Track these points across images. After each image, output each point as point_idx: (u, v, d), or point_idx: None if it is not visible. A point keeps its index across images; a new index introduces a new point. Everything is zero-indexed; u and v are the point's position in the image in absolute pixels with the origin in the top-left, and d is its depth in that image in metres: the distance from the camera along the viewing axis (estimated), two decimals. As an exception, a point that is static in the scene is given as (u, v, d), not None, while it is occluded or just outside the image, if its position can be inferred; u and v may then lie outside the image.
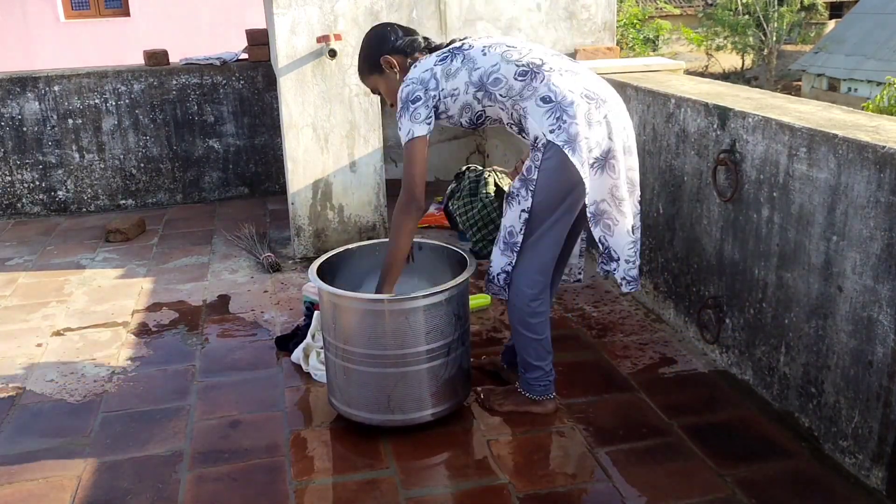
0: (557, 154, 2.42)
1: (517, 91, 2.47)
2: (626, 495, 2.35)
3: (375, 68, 2.64)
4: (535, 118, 2.44)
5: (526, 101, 2.46)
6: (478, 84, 2.50)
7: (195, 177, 5.62)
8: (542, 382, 2.75)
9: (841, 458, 2.43)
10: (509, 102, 2.49)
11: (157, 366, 3.23)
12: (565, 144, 2.40)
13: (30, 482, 2.51)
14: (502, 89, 2.48)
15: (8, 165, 5.29)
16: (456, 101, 2.53)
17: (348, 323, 2.59)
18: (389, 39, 2.62)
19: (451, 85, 2.52)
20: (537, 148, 2.47)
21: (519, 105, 2.48)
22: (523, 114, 2.48)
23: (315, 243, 4.32)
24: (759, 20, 20.44)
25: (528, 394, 2.77)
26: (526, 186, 2.50)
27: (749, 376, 2.88)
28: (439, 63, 2.54)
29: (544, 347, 2.69)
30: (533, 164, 2.48)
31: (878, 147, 2.20)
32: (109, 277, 4.24)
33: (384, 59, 2.60)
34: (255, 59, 5.52)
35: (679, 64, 4.05)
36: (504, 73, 2.48)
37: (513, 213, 2.55)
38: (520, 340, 2.70)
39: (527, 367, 2.73)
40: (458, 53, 2.54)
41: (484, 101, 2.53)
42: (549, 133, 2.42)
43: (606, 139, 2.46)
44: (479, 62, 2.50)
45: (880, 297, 2.22)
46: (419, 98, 2.49)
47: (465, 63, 2.51)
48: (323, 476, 2.49)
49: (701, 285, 3.16)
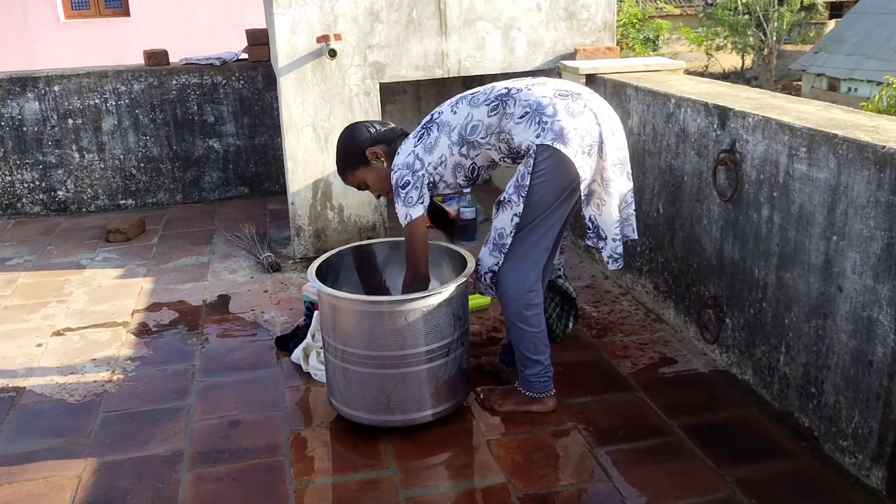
0: (551, 153, 2.47)
1: (496, 126, 2.56)
2: (626, 495, 2.35)
3: (362, 162, 2.75)
4: (519, 134, 2.52)
5: (507, 126, 2.55)
6: (459, 142, 2.61)
7: (195, 177, 5.62)
8: (542, 379, 2.75)
9: (841, 458, 2.43)
10: (493, 139, 2.59)
11: (157, 366, 3.23)
12: (555, 141, 2.45)
13: (30, 482, 2.51)
14: (481, 133, 2.59)
15: (8, 165, 5.29)
16: (446, 168, 2.65)
17: (347, 324, 2.59)
18: (369, 132, 2.75)
19: (436, 156, 2.63)
20: (527, 154, 2.52)
21: (503, 135, 2.57)
22: (509, 138, 2.55)
23: (315, 243, 4.32)
24: (759, 20, 20.43)
25: (528, 392, 2.78)
26: (518, 192, 2.55)
27: (749, 376, 2.88)
28: (418, 143, 2.66)
29: (541, 340, 2.71)
30: (525, 170, 2.52)
31: (878, 147, 2.20)
32: (109, 277, 4.24)
33: (370, 151, 2.73)
34: (255, 59, 5.52)
35: (679, 64, 4.05)
36: (478, 119, 2.59)
37: (504, 217, 2.60)
38: (517, 335, 2.71)
39: (525, 363, 2.74)
40: (432, 125, 2.67)
41: (471, 154, 2.63)
42: (535, 139, 2.48)
43: (595, 125, 2.51)
44: (452, 122, 2.63)
45: (880, 297, 2.22)
46: (408, 182, 2.61)
47: (440, 130, 2.64)
48: (323, 476, 2.49)
49: (701, 285, 3.16)
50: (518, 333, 2.71)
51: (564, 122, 2.47)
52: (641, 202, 3.56)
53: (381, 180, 2.77)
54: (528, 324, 2.68)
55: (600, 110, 2.56)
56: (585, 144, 2.49)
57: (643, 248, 3.60)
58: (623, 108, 3.66)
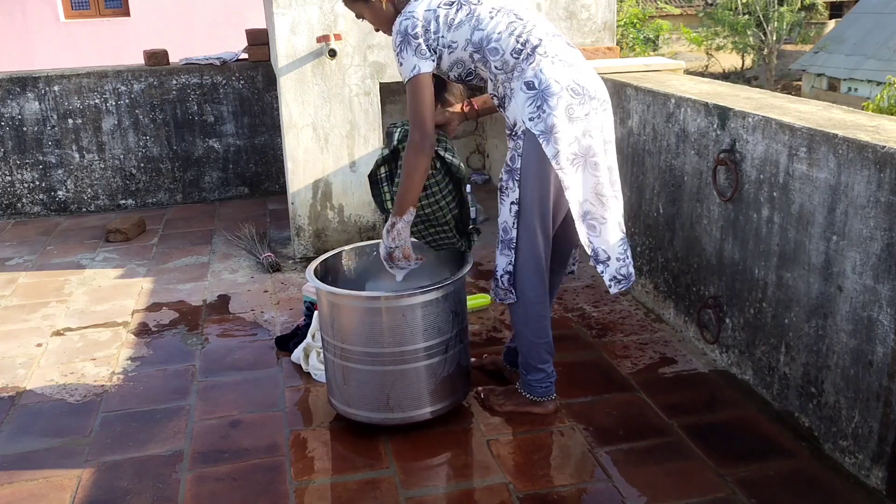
0: (534, 143, 2.42)
1: (510, 67, 2.44)
2: (626, 495, 2.35)
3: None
4: (518, 102, 2.44)
5: (514, 81, 2.45)
6: (477, 45, 2.45)
7: (195, 177, 5.62)
8: (544, 384, 2.75)
9: (841, 458, 2.43)
10: (501, 76, 2.48)
11: (157, 366, 3.23)
12: (541, 135, 2.40)
13: (30, 482, 2.51)
14: (498, 61, 2.45)
15: (8, 165, 5.30)
16: (452, 54, 2.49)
17: (346, 321, 2.59)
18: None
19: (452, 37, 2.46)
20: (516, 135, 2.47)
21: (507, 84, 2.47)
22: (509, 94, 2.48)
23: (315, 243, 4.32)
24: (759, 20, 20.43)
25: (528, 395, 2.77)
26: (512, 177, 2.49)
27: (749, 376, 2.88)
28: (444, 6, 2.47)
29: (546, 350, 2.69)
30: (515, 153, 2.47)
31: (878, 147, 2.20)
32: (109, 277, 4.24)
33: None
34: (255, 59, 5.52)
35: (679, 64, 4.05)
36: (503, 46, 2.44)
37: (504, 208, 2.54)
38: (522, 343, 2.70)
39: (529, 369, 2.73)
40: (465, 4, 2.47)
41: (478, 64, 2.49)
42: (528, 121, 2.42)
43: (587, 136, 2.45)
44: (483, 24, 2.45)
45: (880, 297, 2.22)
46: (420, 35, 2.42)
47: (468, 19, 2.45)
48: (323, 476, 2.49)
49: (701, 285, 3.16)
50: (523, 341, 2.69)
51: (559, 120, 2.39)
52: (641, 202, 3.56)
53: (377, 18, 2.59)
54: (535, 334, 2.65)
55: (597, 123, 2.47)
56: (570, 151, 2.42)
57: (643, 248, 3.60)
58: (623, 108, 3.66)
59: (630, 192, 3.66)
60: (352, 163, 4.23)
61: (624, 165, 3.71)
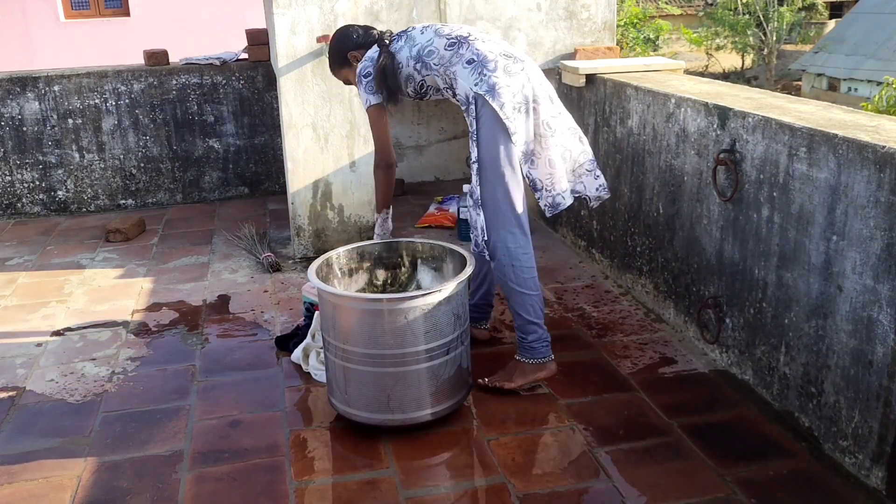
0: (484, 103, 2.74)
1: (447, 59, 2.83)
2: (626, 495, 2.35)
3: (345, 63, 3.08)
4: (463, 78, 2.79)
5: (455, 66, 2.82)
6: (416, 58, 2.88)
7: (195, 177, 5.62)
8: (543, 343, 2.88)
9: (841, 458, 2.43)
10: (441, 69, 2.85)
11: (157, 366, 3.23)
12: (487, 93, 2.72)
13: (30, 482, 2.51)
14: (435, 59, 2.85)
15: (8, 165, 5.29)
16: (401, 73, 2.91)
17: (347, 322, 2.59)
18: (352, 38, 3.05)
19: (396, 60, 2.90)
20: (469, 104, 2.79)
21: (450, 70, 2.83)
22: (454, 77, 2.82)
23: (315, 243, 4.32)
24: (759, 20, 20.42)
25: (531, 360, 2.88)
26: (471, 139, 2.81)
27: (749, 376, 2.88)
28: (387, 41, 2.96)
29: (539, 304, 2.87)
30: (472, 118, 2.79)
31: (878, 147, 2.20)
32: (109, 277, 4.24)
33: (350, 54, 3.04)
34: (255, 59, 5.52)
35: (679, 64, 4.05)
36: (436, 46, 2.85)
37: (473, 172, 2.83)
38: (515, 299, 2.84)
39: (526, 329, 2.86)
40: (402, 35, 2.96)
41: (423, 72, 2.89)
42: (473, 87, 2.76)
43: (528, 85, 2.76)
44: (416, 40, 2.90)
45: (880, 297, 2.22)
46: (370, 73, 2.91)
47: (406, 42, 2.92)
48: (323, 476, 2.49)
49: (701, 285, 3.16)
50: (516, 298, 2.84)
51: (500, 78, 2.73)
52: (641, 202, 3.57)
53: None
54: (525, 286, 2.83)
55: (535, 77, 2.82)
56: (517, 101, 2.73)
57: (643, 248, 3.60)
58: (623, 108, 3.66)
59: (630, 192, 3.67)
60: (352, 163, 4.23)
61: (624, 165, 3.71)
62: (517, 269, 2.81)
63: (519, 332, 2.89)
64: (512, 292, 2.83)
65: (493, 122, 2.73)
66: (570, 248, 4.37)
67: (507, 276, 2.82)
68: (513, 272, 2.81)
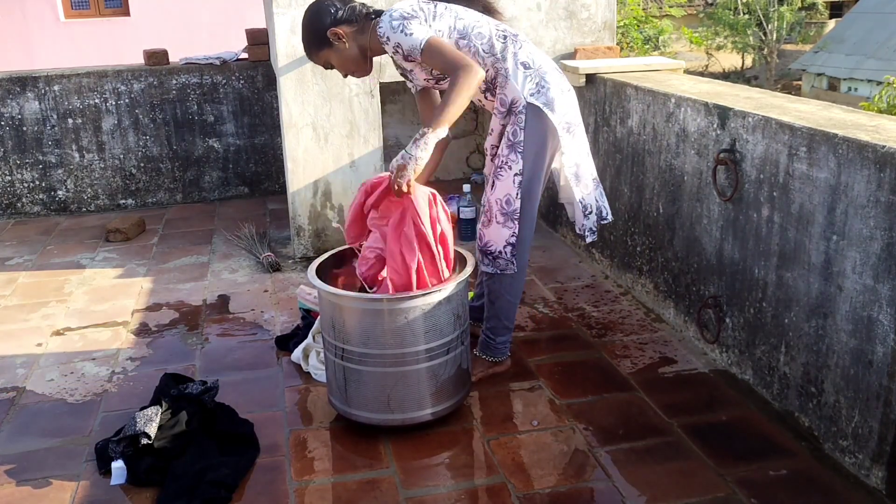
0: (539, 115, 2.65)
1: (499, 49, 2.65)
2: (626, 495, 2.35)
3: (325, 43, 2.66)
4: (517, 81, 2.65)
5: (507, 62, 2.65)
6: (462, 32, 2.63)
7: (195, 176, 5.61)
8: (507, 344, 2.99)
9: (841, 458, 2.43)
10: (490, 59, 2.65)
11: (157, 366, 3.23)
12: (545, 106, 2.65)
13: (30, 482, 2.51)
14: (485, 45, 2.65)
15: (8, 165, 5.29)
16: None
17: (347, 322, 2.59)
18: (331, 12, 2.63)
19: (437, 25, 2.59)
20: (516, 111, 2.66)
21: (500, 64, 2.65)
22: (504, 74, 2.66)
23: (315, 243, 4.32)
24: (759, 19, 20.43)
25: (492, 359, 2.97)
26: (514, 150, 2.68)
27: (749, 376, 2.88)
28: (423, 2, 2.64)
29: (516, 308, 2.94)
30: (517, 128, 2.67)
31: (878, 146, 2.20)
32: (109, 277, 4.24)
33: (331, 31, 2.63)
34: (255, 58, 5.52)
35: (679, 63, 4.05)
36: (486, 31, 2.66)
37: (506, 181, 2.71)
38: (503, 308, 2.88)
39: (499, 332, 2.93)
40: (441, 3, 2.67)
41: (463, 50, 2.63)
42: (529, 96, 2.65)
43: (574, 107, 2.77)
44: (461, 14, 2.66)
45: (880, 297, 2.22)
46: (415, 16, 2.56)
47: (448, 10, 2.65)
48: (323, 476, 2.49)
49: (701, 285, 3.16)
50: (503, 304, 2.88)
51: (556, 93, 2.67)
52: (641, 202, 3.56)
53: (344, 61, 2.70)
54: (516, 295, 2.89)
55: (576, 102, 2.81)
56: (565, 121, 2.70)
57: (643, 248, 3.60)
58: (623, 108, 3.66)
59: (630, 192, 3.67)
60: (352, 163, 4.23)
61: (624, 165, 3.71)
62: (517, 281, 2.86)
63: (490, 332, 2.95)
64: (501, 299, 2.87)
65: (543, 136, 2.67)
66: (570, 248, 4.37)
67: (505, 286, 2.84)
68: (514, 285, 2.86)
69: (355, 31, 2.66)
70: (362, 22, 2.66)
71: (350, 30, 2.64)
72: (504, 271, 2.80)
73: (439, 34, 2.58)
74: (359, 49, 2.68)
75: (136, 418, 2.56)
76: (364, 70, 2.75)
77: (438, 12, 2.62)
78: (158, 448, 2.49)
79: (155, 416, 2.56)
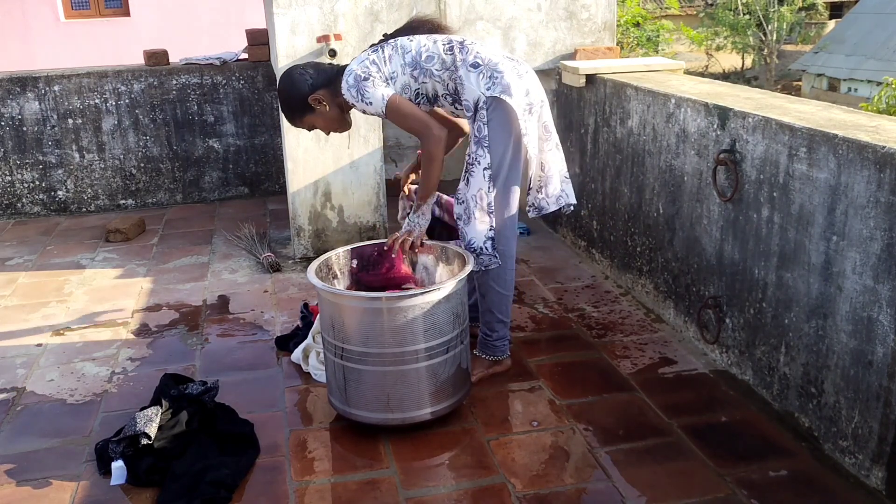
0: (499, 105, 2.70)
1: (449, 63, 2.73)
2: (626, 495, 2.35)
3: (307, 109, 2.81)
4: (471, 82, 2.71)
5: (458, 70, 2.72)
6: (413, 64, 2.73)
7: (195, 177, 5.62)
8: (505, 341, 2.99)
9: (841, 458, 2.43)
10: (445, 74, 2.74)
11: (157, 366, 3.23)
12: (502, 93, 2.68)
13: (30, 482, 2.51)
14: (436, 64, 2.73)
15: (8, 165, 5.29)
16: (395, 83, 2.73)
17: (347, 322, 2.59)
18: (306, 80, 2.78)
19: (389, 69, 2.73)
20: (479, 109, 2.72)
21: (455, 75, 2.73)
22: (459, 82, 2.73)
23: (315, 243, 4.32)
24: (759, 20, 20.43)
25: (492, 357, 2.98)
26: (480, 145, 2.73)
27: (749, 376, 2.88)
28: (372, 53, 2.76)
29: (510, 302, 2.94)
30: (480, 123, 2.72)
31: (878, 147, 2.20)
32: (109, 277, 4.24)
33: (312, 98, 2.78)
34: (255, 59, 5.52)
35: (679, 64, 4.05)
36: (434, 51, 2.74)
37: (477, 177, 2.76)
38: (494, 299, 2.89)
39: (495, 327, 2.94)
40: (386, 45, 2.78)
41: (420, 79, 2.75)
42: (486, 91, 2.70)
43: (532, 88, 2.77)
44: (408, 47, 2.75)
45: (880, 297, 2.22)
46: (371, 76, 2.69)
47: (395, 50, 2.75)
48: (323, 476, 2.49)
49: (701, 285, 3.16)
50: (494, 297, 2.89)
51: (511, 79, 2.70)
52: (641, 202, 3.57)
53: (327, 122, 2.86)
54: (507, 288, 2.89)
55: (536, 80, 2.82)
56: (526, 101, 2.72)
57: (643, 248, 3.60)
58: (623, 108, 3.66)
59: (630, 192, 3.67)
60: (352, 163, 4.23)
61: (624, 165, 3.71)
62: (506, 273, 2.87)
63: (486, 329, 2.96)
64: (490, 291, 2.88)
65: (504, 125, 2.72)
66: (570, 248, 4.37)
67: (493, 278, 2.86)
68: (503, 277, 2.87)
69: (330, 93, 2.78)
70: (334, 81, 2.78)
71: (327, 92, 2.78)
72: (488, 267, 2.82)
73: (394, 77, 2.71)
74: (338, 108, 2.82)
75: (136, 418, 2.56)
76: (346, 125, 2.90)
77: (387, 55, 2.73)
78: (158, 448, 2.49)
79: (155, 417, 2.56)
